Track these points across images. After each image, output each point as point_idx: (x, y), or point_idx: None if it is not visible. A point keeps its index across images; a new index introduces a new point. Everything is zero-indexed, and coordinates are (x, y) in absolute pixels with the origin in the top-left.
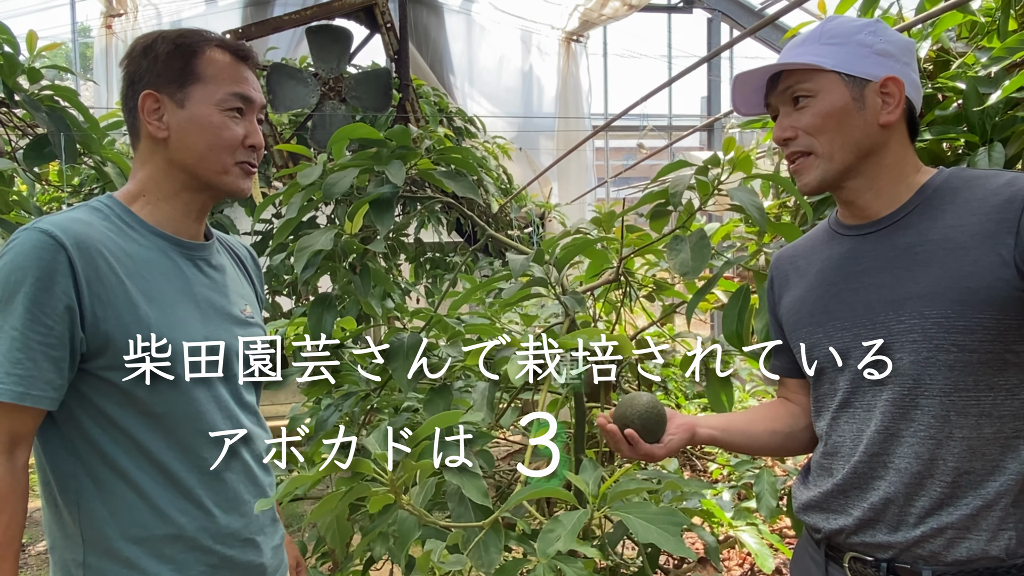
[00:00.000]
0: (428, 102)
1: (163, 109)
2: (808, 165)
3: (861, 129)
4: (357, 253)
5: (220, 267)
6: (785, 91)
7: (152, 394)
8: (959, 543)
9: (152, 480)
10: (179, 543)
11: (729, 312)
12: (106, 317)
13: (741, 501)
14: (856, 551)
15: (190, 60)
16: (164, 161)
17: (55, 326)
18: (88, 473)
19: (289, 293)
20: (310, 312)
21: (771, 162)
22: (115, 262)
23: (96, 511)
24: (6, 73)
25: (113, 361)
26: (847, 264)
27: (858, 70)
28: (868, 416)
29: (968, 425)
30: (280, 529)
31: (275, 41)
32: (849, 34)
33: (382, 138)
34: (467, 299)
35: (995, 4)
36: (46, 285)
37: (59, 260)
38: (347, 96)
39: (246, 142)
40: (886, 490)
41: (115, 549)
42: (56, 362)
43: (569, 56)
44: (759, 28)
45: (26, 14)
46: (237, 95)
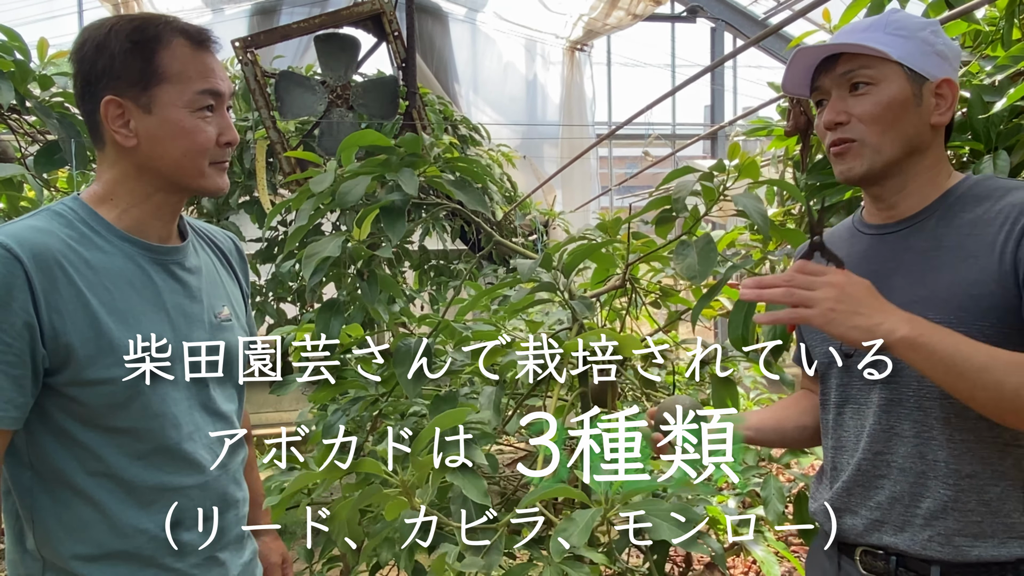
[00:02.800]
0: (433, 110)
1: (128, 114)
2: (855, 152)
3: (914, 126)
4: (365, 260)
5: (195, 269)
6: (845, 74)
7: (115, 409)
8: (969, 550)
9: (111, 495)
10: (135, 560)
11: (735, 317)
12: (66, 331)
13: (746, 508)
14: (866, 547)
15: (151, 58)
16: (133, 167)
17: (14, 343)
18: (44, 490)
19: (294, 300)
20: (317, 318)
21: (775, 170)
22: (75, 273)
23: (52, 528)
24: (18, 80)
25: (75, 376)
26: (863, 263)
27: (920, 66)
28: (869, 413)
29: (967, 428)
30: (251, 545)
31: (282, 49)
32: (915, 29)
33: (392, 145)
34: (473, 305)
35: (999, 13)
36: (3, 301)
37: (15, 274)
38: (354, 104)
39: (220, 140)
40: (891, 489)
41: (71, 566)
42: (17, 380)
43: (573, 65)
44: (763, 38)
45: (33, 22)
46: (207, 92)
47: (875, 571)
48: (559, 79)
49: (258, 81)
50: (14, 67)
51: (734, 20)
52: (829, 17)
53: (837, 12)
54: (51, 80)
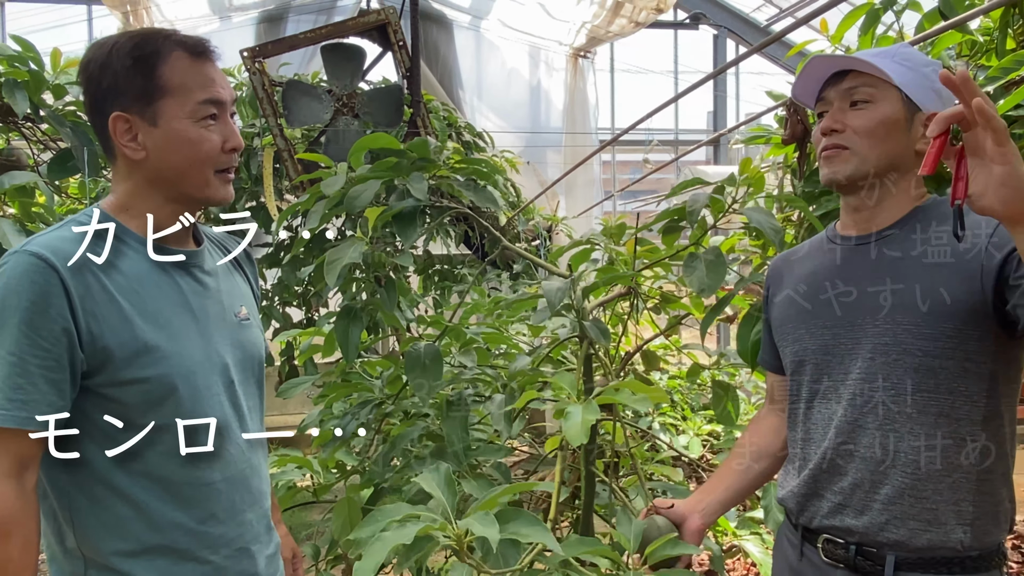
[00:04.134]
0: (437, 117)
1: (135, 129)
2: (844, 158)
3: (900, 147)
4: (385, 266)
5: (212, 272)
6: (849, 89)
7: (151, 407)
8: (921, 534)
9: (147, 492)
10: (173, 554)
11: (743, 330)
12: (103, 334)
13: (745, 511)
14: (829, 533)
15: (151, 74)
16: (144, 179)
17: (53, 348)
18: (81, 491)
19: (299, 304)
20: (336, 325)
21: (775, 176)
22: (106, 279)
23: (91, 526)
24: (32, 90)
25: (112, 378)
26: (837, 272)
27: (917, 96)
28: (838, 407)
29: (927, 423)
30: (275, 537)
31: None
32: (919, 64)
33: (402, 148)
34: (478, 309)
35: (993, 24)
36: (41, 308)
37: (52, 283)
38: (360, 112)
39: (225, 147)
40: (853, 475)
41: (112, 563)
42: (56, 384)
43: (576, 72)
44: (766, 45)
45: (44, 30)
46: (209, 101)
47: (835, 558)
48: (562, 86)
49: (266, 90)
50: (28, 77)
51: (736, 27)
52: (827, 27)
53: (835, 22)
54: (64, 89)
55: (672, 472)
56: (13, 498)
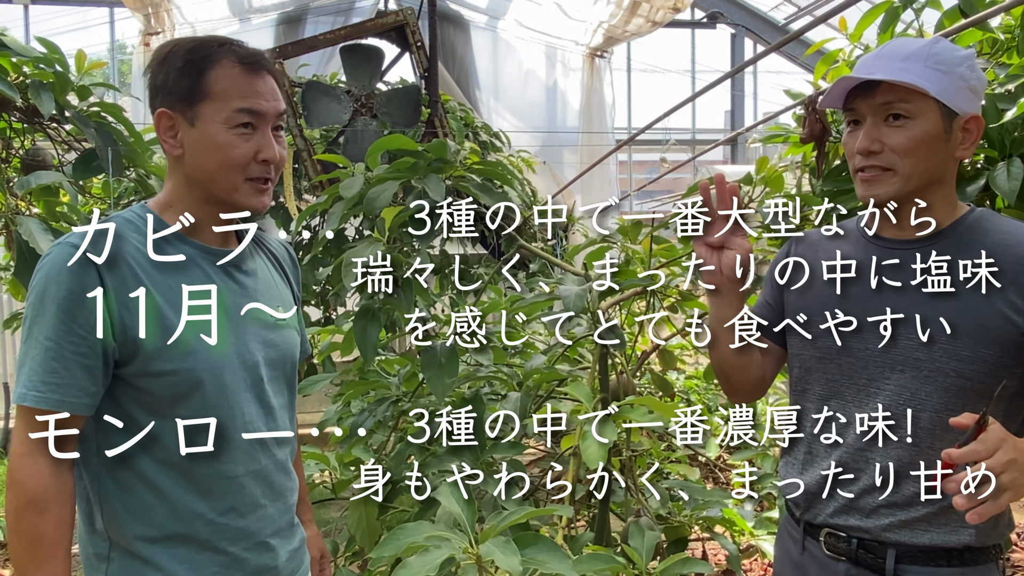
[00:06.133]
0: (455, 117)
1: (177, 127)
2: (884, 180)
3: (941, 159)
4: (403, 266)
5: (251, 271)
6: (884, 104)
7: (179, 399)
8: (923, 534)
9: (171, 481)
10: (193, 543)
11: None
12: (135, 326)
13: (762, 511)
14: (831, 528)
15: (199, 77)
16: (183, 177)
17: (88, 336)
18: (109, 474)
19: (318, 303)
20: (355, 324)
21: (793, 176)
22: (143, 274)
23: (117, 510)
24: (57, 91)
25: (142, 368)
26: (872, 272)
27: (954, 103)
28: (858, 413)
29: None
30: (300, 533)
31: (306, 58)
32: (953, 64)
33: (419, 149)
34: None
35: (1014, 22)
36: (78, 297)
37: (90, 273)
38: (378, 112)
39: (258, 157)
40: (866, 481)
41: (134, 547)
42: (90, 370)
43: (593, 71)
44: (784, 44)
45: (67, 32)
46: (244, 110)
47: (837, 551)
48: (579, 85)
49: (285, 91)
50: (54, 78)
51: (754, 26)
52: (845, 26)
53: (854, 19)
54: (88, 91)
55: (688, 471)
56: (48, 475)
